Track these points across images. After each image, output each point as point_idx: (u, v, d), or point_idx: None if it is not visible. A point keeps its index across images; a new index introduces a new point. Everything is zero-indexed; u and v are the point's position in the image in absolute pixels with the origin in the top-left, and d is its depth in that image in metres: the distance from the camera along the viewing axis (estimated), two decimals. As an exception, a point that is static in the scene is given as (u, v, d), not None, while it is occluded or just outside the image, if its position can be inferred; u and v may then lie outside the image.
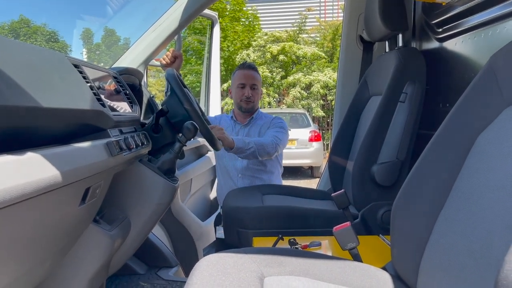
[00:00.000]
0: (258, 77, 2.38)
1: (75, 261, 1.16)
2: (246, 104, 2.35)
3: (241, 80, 2.34)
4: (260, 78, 2.40)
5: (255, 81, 2.35)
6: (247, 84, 2.33)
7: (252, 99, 2.35)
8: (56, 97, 0.90)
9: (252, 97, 2.34)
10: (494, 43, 1.37)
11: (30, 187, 0.72)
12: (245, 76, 2.34)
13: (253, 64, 2.43)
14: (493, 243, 0.70)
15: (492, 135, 0.80)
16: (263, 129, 2.38)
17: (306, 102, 11.69)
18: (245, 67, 2.38)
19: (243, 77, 2.34)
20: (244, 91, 2.33)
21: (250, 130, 2.39)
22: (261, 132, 2.37)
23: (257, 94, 2.38)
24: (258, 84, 2.37)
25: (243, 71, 2.36)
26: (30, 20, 11.67)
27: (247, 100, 2.34)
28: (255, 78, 2.36)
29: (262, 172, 2.36)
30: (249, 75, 2.34)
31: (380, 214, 1.67)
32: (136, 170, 1.40)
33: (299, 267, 0.92)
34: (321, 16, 14.14)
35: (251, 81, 2.34)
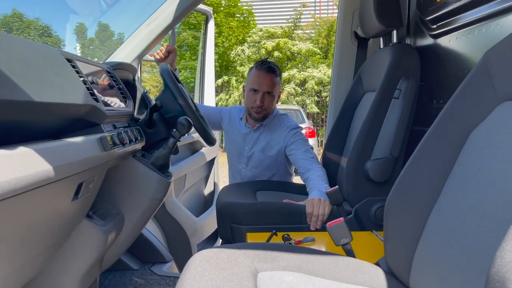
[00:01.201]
0: (276, 81, 2.05)
1: (68, 256, 1.16)
2: (257, 114, 2.07)
3: (255, 85, 2.03)
4: (279, 81, 2.08)
5: (271, 87, 2.03)
6: (260, 90, 2.02)
7: (265, 107, 2.05)
8: (49, 91, 0.90)
9: (265, 105, 2.04)
10: (488, 40, 1.37)
11: (22, 182, 0.72)
12: (259, 80, 2.02)
13: (273, 65, 2.06)
14: (485, 238, 0.71)
15: (485, 131, 0.81)
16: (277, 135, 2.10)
17: (301, 99, 11.71)
18: (262, 69, 2.02)
19: (257, 82, 2.02)
20: (256, 98, 2.03)
21: (261, 136, 2.15)
22: (272, 141, 2.11)
23: (272, 101, 2.07)
24: (275, 89, 2.05)
25: (259, 72, 2.03)
26: (23, 14, 11.55)
27: (259, 109, 2.04)
28: (272, 83, 2.03)
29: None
30: (265, 80, 2.01)
31: (374, 210, 1.68)
32: (129, 165, 1.40)
33: (292, 263, 0.92)
34: (316, 13, 14.14)
35: (266, 87, 2.02)
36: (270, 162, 2.14)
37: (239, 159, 2.22)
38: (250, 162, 2.18)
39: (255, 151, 2.15)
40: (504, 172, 0.72)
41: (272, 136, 2.11)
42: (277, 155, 2.11)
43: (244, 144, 2.19)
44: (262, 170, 2.16)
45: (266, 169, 2.16)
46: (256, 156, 2.15)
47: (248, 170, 2.19)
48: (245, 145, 2.19)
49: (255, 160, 2.16)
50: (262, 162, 2.15)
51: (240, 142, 2.21)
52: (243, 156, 2.20)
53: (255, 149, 2.15)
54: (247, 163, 2.19)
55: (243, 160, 2.20)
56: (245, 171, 2.20)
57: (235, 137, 2.23)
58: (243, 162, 2.21)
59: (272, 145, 2.11)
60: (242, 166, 2.21)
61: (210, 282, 0.78)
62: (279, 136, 2.10)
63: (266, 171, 2.17)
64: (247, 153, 2.18)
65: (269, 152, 2.12)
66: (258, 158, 2.15)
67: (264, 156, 2.13)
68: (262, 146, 2.13)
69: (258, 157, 2.15)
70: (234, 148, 2.23)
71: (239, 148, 2.21)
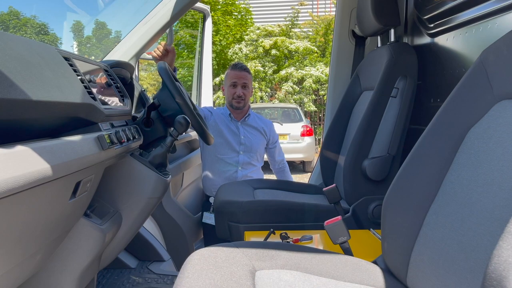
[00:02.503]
0: (249, 76, 2.52)
1: (66, 254, 1.16)
2: (237, 103, 2.49)
3: (232, 79, 2.49)
4: (251, 77, 2.55)
5: (246, 80, 2.49)
6: (238, 83, 2.48)
7: (243, 97, 2.49)
8: (46, 90, 0.89)
9: (243, 95, 2.48)
10: (485, 39, 1.38)
11: (20, 180, 0.72)
12: (236, 76, 2.48)
13: (244, 64, 2.57)
14: (482, 236, 0.71)
15: (482, 130, 0.81)
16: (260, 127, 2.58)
17: (298, 97, 11.70)
18: (237, 68, 2.51)
19: (235, 77, 2.49)
20: (236, 90, 2.48)
21: (249, 125, 2.56)
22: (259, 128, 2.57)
23: (248, 93, 2.53)
24: (249, 83, 2.51)
25: (235, 71, 2.50)
26: (20, 12, 11.50)
27: (239, 98, 2.48)
28: (246, 77, 2.50)
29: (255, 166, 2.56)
30: (241, 75, 2.48)
31: (371, 209, 1.68)
32: (127, 164, 1.39)
33: (290, 261, 0.93)
34: (313, 11, 14.12)
35: (242, 80, 2.48)
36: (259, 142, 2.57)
37: (235, 147, 2.51)
38: (247, 147, 2.52)
39: (252, 136, 2.54)
40: (501, 171, 0.73)
41: (258, 125, 2.58)
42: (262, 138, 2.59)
43: (241, 133, 2.52)
44: (252, 152, 2.54)
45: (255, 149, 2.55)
46: (253, 141, 2.53)
47: (244, 155, 2.53)
48: (242, 134, 2.52)
49: (252, 144, 2.53)
50: (254, 143, 2.54)
51: (237, 133, 2.52)
52: (240, 144, 2.51)
53: (252, 134, 2.54)
54: (243, 149, 2.52)
55: (241, 148, 2.51)
56: (242, 156, 2.52)
57: (229, 131, 2.52)
58: (239, 149, 2.52)
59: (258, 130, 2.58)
60: (239, 153, 2.52)
61: (208, 281, 0.78)
62: (263, 125, 2.60)
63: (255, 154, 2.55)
64: (244, 140, 2.52)
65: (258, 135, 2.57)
66: (253, 142, 2.53)
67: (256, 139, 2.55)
68: (254, 132, 2.56)
69: (253, 141, 2.53)
70: (232, 138, 2.52)
71: (238, 136, 2.52)
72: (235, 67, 2.53)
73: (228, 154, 2.50)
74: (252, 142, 2.54)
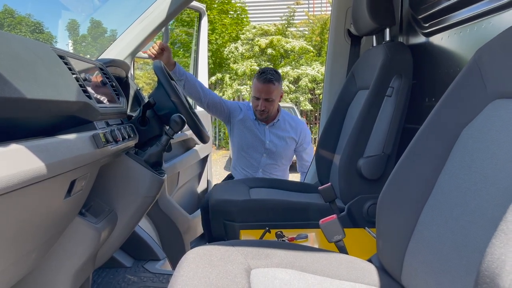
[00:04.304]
0: (273, 88, 2.37)
1: (61, 253, 1.16)
2: (260, 115, 2.43)
3: (255, 93, 2.39)
4: (277, 87, 2.39)
5: (269, 95, 2.36)
6: (260, 97, 2.38)
7: (266, 110, 2.40)
8: (41, 88, 0.89)
9: (266, 108, 2.39)
10: (480, 38, 1.38)
11: (14, 179, 0.71)
12: (259, 90, 2.37)
13: (271, 75, 2.38)
14: (475, 235, 0.72)
15: (476, 129, 0.82)
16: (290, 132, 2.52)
17: (294, 96, 11.70)
18: (261, 79, 2.36)
19: (257, 90, 2.38)
20: (258, 103, 2.39)
21: (278, 130, 2.51)
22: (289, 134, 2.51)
23: (272, 104, 2.41)
24: (273, 95, 2.38)
25: (259, 83, 2.37)
26: (14, 10, 11.43)
27: (261, 111, 2.41)
28: (270, 91, 2.36)
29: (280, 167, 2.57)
30: (264, 89, 2.35)
31: (366, 207, 1.69)
32: (122, 162, 1.39)
33: (285, 259, 0.93)
34: (309, 10, 14.12)
35: (265, 95, 2.36)
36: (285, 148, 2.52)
37: (259, 150, 2.50)
38: (271, 151, 2.50)
39: (278, 142, 2.49)
40: (495, 169, 0.73)
41: (287, 130, 2.52)
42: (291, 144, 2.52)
43: (267, 137, 2.49)
44: (277, 158, 2.51)
45: (281, 156, 2.51)
46: (279, 146, 2.49)
47: (267, 158, 2.51)
48: (267, 138, 2.49)
49: (277, 150, 2.49)
50: (280, 149, 2.50)
51: (262, 136, 2.50)
52: (264, 148, 2.50)
53: (278, 140, 2.49)
54: (266, 153, 2.50)
55: (263, 151, 2.50)
56: (265, 159, 2.50)
57: (254, 133, 2.51)
58: (263, 152, 2.51)
59: (287, 136, 2.50)
60: (262, 155, 2.52)
61: (203, 280, 0.78)
62: (292, 131, 2.53)
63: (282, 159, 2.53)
64: (269, 145, 2.49)
65: (286, 141, 2.51)
66: (279, 148, 2.49)
67: (283, 144, 2.50)
68: (283, 137, 2.50)
69: (279, 146, 2.49)
70: (256, 141, 2.50)
71: (263, 140, 2.50)
72: (260, 78, 2.37)
73: (251, 155, 2.49)
74: (278, 148, 2.48)
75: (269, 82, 2.35)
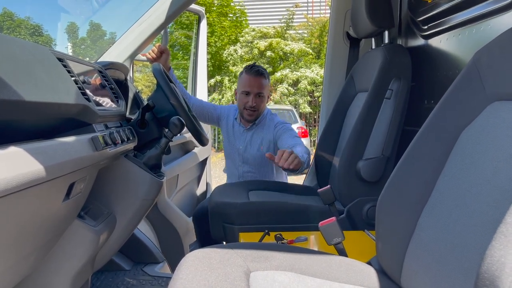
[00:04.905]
0: (265, 83, 2.19)
1: (60, 256, 1.15)
2: (249, 115, 2.20)
3: (246, 88, 2.17)
4: (268, 82, 2.21)
5: (261, 89, 2.16)
6: (251, 92, 2.16)
7: (257, 108, 2.18)
8: (40, 91, 0.89)
9: (257, 105, 2.18)
10: (478, 41, 1.39)
11: (13, 182, 0.71)
12: (250, 83, 2.16)
13: (262, 68, 2.20)
14: (475, 237, 0.72)
15: (475, 131, 0.82)
16: (267, 133, 2.23)
17: (293, 99, 11.72)
18: (252, 72, 2.16)
19: (248, 84, 2.16)
20: (248, 99, 2.17)
21: (254, 135, 2.27)
22: (264, 139, 2.23)
23: (263, 102, 2.21)
24: (264, 90, 2.19)
25: (249, 76, 2.17)
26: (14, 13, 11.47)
27: (251, 109, 2.18)
28: (262, 85, 2.16)
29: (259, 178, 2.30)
30: (256, 83, 2.15)
31: (366, 210, 1.69)
32: (121, 165, 1.39)
33: (285, 262, 0.93)
34: (308, 13, 14.15)
35: (257, 89, 2.16)
36: (265, 159, 2.24)
37: (236, 157, 2.32)
38: (246, 160, 2.28)
39: (250, 150, 2.26)
40: (494, 171, 0.73)
41: (264, 134, 2.24)
42: (269, 151, 2.22)
43: (239, 143, 2.29)
44: (258, 167, 2.27)
45: (261, 165, 2.27)
46: (251, 155, 2.26)
47: (245, 167, 2.30)
48: (240, 144, 2.29)
49: (251, 158, 2.26)
50: (257, 159, 2.26)
51: (236, 141, 2.31)
52: (239, 155, 2.30)
53: (250, 148, 2.26)
54: (243, 160, 2.29)
55: (239, 158, 2.30)
56: (242, 168, 2.30)
57: (231, 137, 2.32)
58: (239, 160, 2.30)
59: (264, 143, 2.23)
60: (239, 163, 2.31)
61: (202, 282, 0.78)
62: (269, 133, 2.23)
63: (262, 168, 2.28)
64: (242, 151, 2.28)
65: (263, 149, 2.23)
66: (253, 156, 2.26)
67: (258, 153, 2.24)
68: (256, 145, 2.25)
69: (253, 155, 2.25)
70: (231, 147, 2.34)
71: (235, 147, 2.31)
72: (250, 71, 2.16)
73: (232, 161, 2.35)
74: (252, 155, 2.25)
75: (261, 75, 2.16)
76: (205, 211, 2.21)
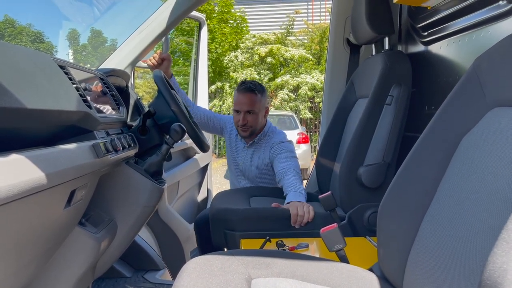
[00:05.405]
0: (257, 98, 2.12)
1: (61, 263, 1.15)
2: (243, 132, 2.16)
3: (236, 106, 2.14)
4: (261, 97, 2.14)
5: (251, 106, 2.11)
6: (241, 110, 2.12)
7: (249, 125, 2.13)
8: (41, 98, 0.89)
9: (249, 123, 2.12)
10: (478, 47, 1.39)
11: (14, 189, 0.71)
12: (239, 100, 2.13)
13: (252, 84, 2.15)
14: (476, 243, 0.72)
15: (476, 137, 0.82)
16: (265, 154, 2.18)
17: (294, 104, 11.73)
18: (241, 89, 2.13)
19: (237, 102, 2.14)
20: (239, 118, 2.12)
21: (254, 153, 2.23)
22: (261, 159, 2.20)
23: (255, 118, 2.14)
24: (255, 107, 2.12)
25: (239, 94, 2.14)
26: (15, 20, 11.53)
27: (243, 127, 2.13)
28: (251, 102, 2.11)
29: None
30: (244, 100, 2.11)
31: (367, 216, 1.68)
32: (122, 172, 1.39)
33: (286, 269, 0.92)
34: (308, 19, 14.20)
35: (246, 107, 2.10)
36: (265, 177, 2.24)
37: (237, 170, 2.32)
38: (247, 175, 2.27)
39: (249, 167, 2.24)
40: (495, 178, 0.73)
41: (261, 154, 2.20)
42: (268, 171, 2.21)
43: (240, 159, 2.28)
44: (258, 183, 2.26)
45: (262, 182, 2.25)
46: (251, 171, 2.24)
47: (244, 182, 2.29)
48: (240, 159, 2.28)
49: (251, 174, 2.25)
50: (257, 176, 2.24)
51: (237, 156, 2.30)
52: (239, 169, 2.30)
53: (250, 164, 2.24)
54: (243, 175, 2.29)
55: (239, 173, 2.30)
56: (241, 181, 2.30)
57: (233, 149, 2.32)
58: (239, 174, 2.31)
59: (262, 163, 2.20)
60: (239, 177, 2.31)
61: (203, 289, 0.77)
62: (266, 153, 2.18)
63: (263, 184, 2.26)
64: (242, 167, 2.27)
65: (261, 169, 2.21)
66: (253, 173, 2.24)
67: (258, 172, 2.23)
68: (255, 163, 2.22)
69: (253, 172, 2.24)
70: (232, 159, 2.34)
71: (236, 160, 2.31)
72: (240, 88, 2.14)
73: (233, 174, 2.35)
74: (250, 172, 2.24)
75: (251, 91, 2.11)
76: (206, 219, 2.21)
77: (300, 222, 1.65)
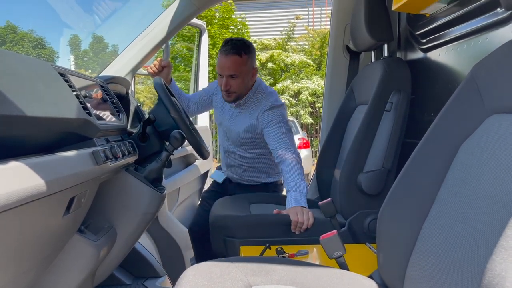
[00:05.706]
0: (240, 60, 1.94)
1: (60, 271, 1.15)
2: (227, 97, 2.01)
3: (218, 69, 1.97)
4: (246, 58, 1.96)
5: (234, 70, 1.93)
6: (223, 74, 1.95)
7: (233, 90, 1.97)
8: (41, 105, 0.90)
9: (232, 88, 1.96)
10: (477, 54, 1.39)
11: (13, 196, 0.71)
12: (221, 63, 1.95)
13: (237, 44, 1.95)
14: (476, 250, 0.71)
15: (474, 144, 0.82)
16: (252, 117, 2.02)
17: (295, 109, 11.74)
18: (223, 51, 1.94)
19: (220, 66, 1.96)
20: (222, 82, 1.97)
21: (240, 114, 2.09)
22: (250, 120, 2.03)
23: (239, 83, 1.96)
24: (239, 70, 1.94)
25: (221, 56, 1.95)
26: (17, 26, 11.57)
27: (226, 92, 1.98)
28: (234, 66, 1.93)
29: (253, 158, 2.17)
30: (227, 64, 1.93)
31: (367, 223, 1.68)
32: (122, 179, 1.39)
33: (286, 276, 0.92)
34: (309, 25, 14.24)
35: (228, 71, 1.93)
36: (250, 142, 2.11)
37: (223, 132, 2.19)
38: (231, 137, 2.15)
39: (235, 129, 2.11)
40: (494, 184, 0.73)
41: (250, 117, 2.05)
42: (255, 136, 2.07)
43: (226, 118, 2.15)
44: (243, 147, 2.14)
45: (248, 146, 2.13)
46: (236, 134, 2.11)
47: (230, 145, 2.17)
48: (226, 119, 2.15)
49: (236, 137, 2.12)
50: (242, 140, 2.11)
51: (223, 116, 2.17)
52: (224, 130, 2.17)
53: (235, 126, 2.10)
54: (228, 137, 2.16)
55: (225, 134, 2.18)
56: (227, 144, 2.18)
57: (219, 110, 2.21)
58: (225, 135, 2.18)
59: (249, 127, 2.05)
60: (225, 138, 2.20)
61: (202, 297, 0.77)
62: (253, 119, 2.03)
63: (249, 148, 2.13)
64: (227, 127, 2.15)
65: (248, 132, 2.07)
66: (238, 136, 2.11)
67: (244, 135, 2.09)
68: (241, 126, 2.08)
69: (238, 135, 2.10)
70: (219, 119, 2.22)
71: (222, 121, 2.18)
72: (222, 49, 1.94)
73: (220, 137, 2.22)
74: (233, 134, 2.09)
75: (234, 53, 1.92)
76: (200, 225, 2.21)
77: (300, 228, 1.65)
